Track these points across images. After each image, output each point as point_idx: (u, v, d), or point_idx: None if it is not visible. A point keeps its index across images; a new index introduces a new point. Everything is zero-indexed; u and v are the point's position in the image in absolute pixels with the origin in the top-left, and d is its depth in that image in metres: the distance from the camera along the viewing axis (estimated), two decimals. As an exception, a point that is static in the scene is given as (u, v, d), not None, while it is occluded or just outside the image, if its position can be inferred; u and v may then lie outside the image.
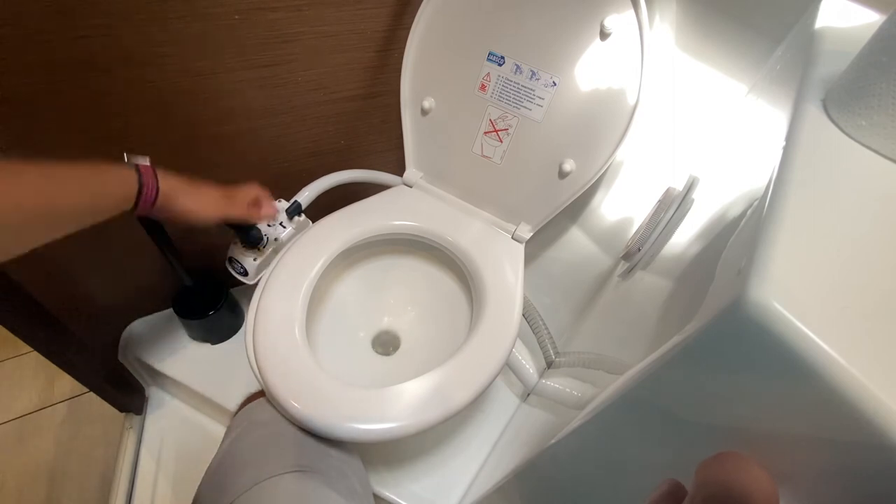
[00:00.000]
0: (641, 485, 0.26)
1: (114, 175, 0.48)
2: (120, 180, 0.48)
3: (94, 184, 0.46)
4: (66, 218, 0.43)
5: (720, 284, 0.24)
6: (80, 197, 0.44)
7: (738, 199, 0.35)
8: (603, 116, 0.64)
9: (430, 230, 0.73)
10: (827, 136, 0.28)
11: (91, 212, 0.45)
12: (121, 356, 0.88)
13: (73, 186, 0.43)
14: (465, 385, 0.57)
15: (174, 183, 0.52)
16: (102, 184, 0.47)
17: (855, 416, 0.17)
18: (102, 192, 0.47)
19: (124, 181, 0.48)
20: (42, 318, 0.69)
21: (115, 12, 0.54)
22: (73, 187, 0.43)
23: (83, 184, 0.44)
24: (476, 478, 0.77)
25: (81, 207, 0.44)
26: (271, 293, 0.62)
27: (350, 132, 0.84)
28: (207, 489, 0.51)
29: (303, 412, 0.53)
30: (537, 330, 0.82)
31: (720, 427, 0.23)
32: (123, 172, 0.49)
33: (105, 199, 0.47)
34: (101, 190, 0.46)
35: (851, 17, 0.40)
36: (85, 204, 0.44)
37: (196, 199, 0.55)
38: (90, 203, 0.45)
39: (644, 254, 0.53)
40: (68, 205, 0.43)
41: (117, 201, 0.48)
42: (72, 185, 0.43)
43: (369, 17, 0.69)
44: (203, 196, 0.56)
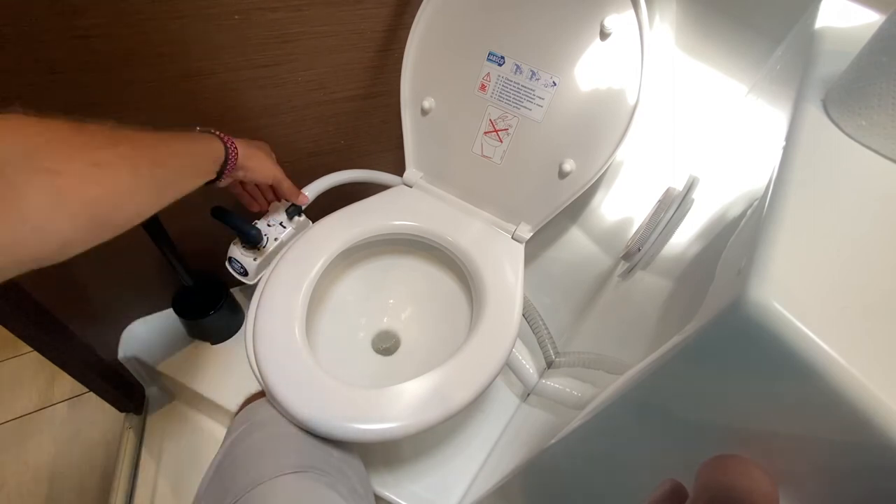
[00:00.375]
0: (641, 485, 0.26)
1: (204, 143, 0.51)
2: (210, 146, 0.51)
3: (194, 149, 0.48)
4: (174, 183, 0.44)
5: (720, 284, 0.24)
6: (185, 159, 0.46)
7: (738, 199, 0.35)
8: (603, 116, 0.64)
9: (430, 230, 0.73)
10: (827, 136, 0.28)
11: (193, 174, 0.47)
12: (121, 356, 0.88)
13: (178, 150, 0.45)
14: (465, 385, 0.57)
15: (245, 151, 0.56)
16: (199, 150, 0.49)
17: (855, 416, 0.17)
18: (202, 155, 0.50)
19: (213, 147, 0.52)
20: (42, 318, 0.69)
21: (114, 12, 0.54)
22: (179, 150, 0.45)
23: (186, 149, 0.46)
24: (476, 478, 0.77)
25: (186, 171, 0.46)
26: (271, 293, 0.62)
27: (350, 132, 0.84)
28: (208, 490, 0.51)
29: (303, 412, 0.53)
30: (537, 330, 0.82)
31: (720, 427, 0.23)
32: (210, 139, 0.52)
33: (204, 162, 0.50)
34: (201, 153, 0.50)
35: (851, 17, 0.40)
36: (188, 167, 0.46)
37: (259, 161, 0.59)
38: (192, 166, 0.47)
39: (644, 254, 0.53)
40: (177, 167, 0.44)
41: (211, 165, 0.51)
42: (177, 149, 0.45)
43: (369, 17, 0.69)
44: (262, 159, 0.59)
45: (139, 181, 0.38)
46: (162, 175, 0.41)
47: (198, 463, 0.60)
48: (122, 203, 0.37)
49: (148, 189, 0.39)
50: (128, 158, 0.37)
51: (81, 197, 0.33)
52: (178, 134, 0.46)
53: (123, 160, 0.36)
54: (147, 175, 0.39)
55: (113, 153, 0.36)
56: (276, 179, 0.62)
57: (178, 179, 0.44)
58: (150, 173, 0.39)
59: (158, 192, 0.41)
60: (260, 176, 0.59)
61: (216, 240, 0.73)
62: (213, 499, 0.49)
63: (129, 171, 0.37)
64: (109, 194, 0.35)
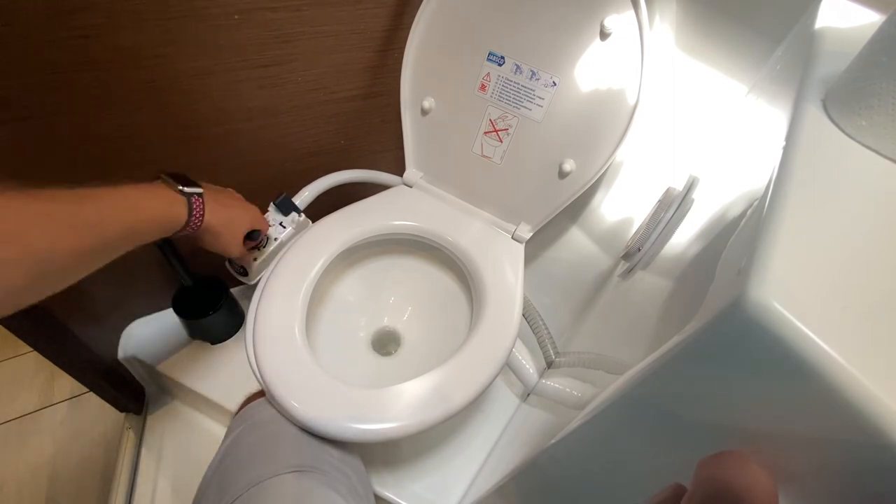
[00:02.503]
0: (642, 484, 0.26)
1: (161, 203, 0.47)
2: (168, 210, 0.47)
3: (144, 210, 0.44)
4: (115, 247, 0.42)
5: (720, 284, 0.24)
6: (131, 225, 0.42)
7: (738, 199, 0.35)
8: (603, 116, 0.64)
9: (430, 230, 0.73)
10: (827, 136, 0.28)
11: (138, 239, 0.44)
12: (121, 356, 0.88)
13: (123, 215, 0.42)
14: (465, 385, 0.57)
15: (217, 220, 0.52)
16: (151, 210, 0.45)
17: (855, 416, 0.17)
18: (152, 218, 0.45)
19: (173, 212, 0.48)
20: (42, 318, 0.69)
21: (114, 12, 0.54)
22: (124, 216, 0.42)
23: (134, 211, 0.43)
24: (476, 478, 0.77)
25: (131, 236, 0.43)
26: (271, 293, 0.62)
27: (350, 132, 0.84)
28: (208, 489, 0.51)
29: (303, 412, 0.53)
30: (537, 330, 0.82)
31: (720, 427, 0.23)
32: (174, 201, 0.48)
33: (148, 230, 0.45)
34: (152, 216, 0.45)
35: (851, 17, 0.40)
36: (135, 232, 0.43)
37: (223, 241, 0.55)
38: (139, 232, 0.44)
39: (644, 254, 0.53)
40: (119, 238, 0.41)
41: (160, 231, 0.47)
42: (122, 214, 0.42)
43: (369, 17, 0.69)
44: (231, 238, 0.56)
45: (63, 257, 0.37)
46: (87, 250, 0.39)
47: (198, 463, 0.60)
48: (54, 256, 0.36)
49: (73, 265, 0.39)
50: (45, 238, 0.36)
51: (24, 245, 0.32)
52: (120, 196, 0.42)
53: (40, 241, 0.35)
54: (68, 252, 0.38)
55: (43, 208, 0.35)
56: (227, 255, 0.59)
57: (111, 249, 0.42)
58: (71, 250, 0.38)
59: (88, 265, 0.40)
60: (216, 251, 0.56)
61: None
62: (213, 498, 0.49)
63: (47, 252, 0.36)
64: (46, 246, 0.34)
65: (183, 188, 0.49)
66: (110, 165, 0.66)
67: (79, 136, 0.61)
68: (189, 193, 0.49)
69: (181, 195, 0.49)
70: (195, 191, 0.50)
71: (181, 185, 0.49)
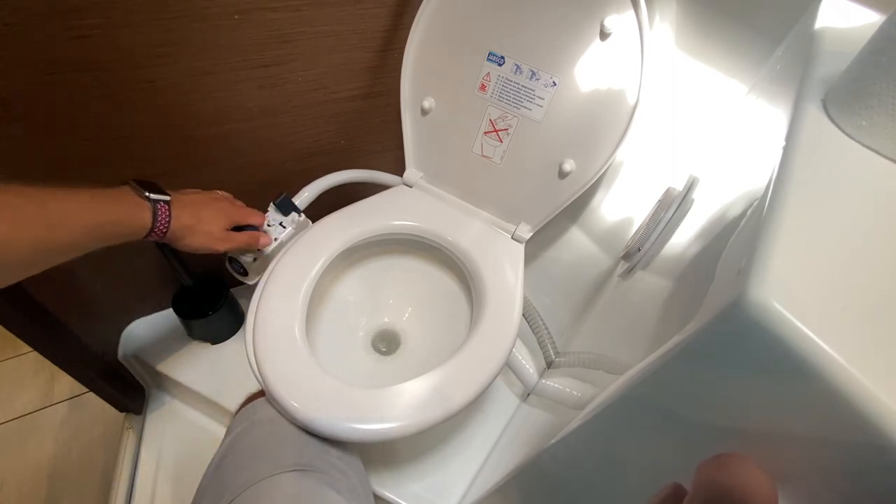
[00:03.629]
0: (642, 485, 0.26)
1: (126, 207, 0.48)
2: (132, 214, 0.48)
3: (105, 213, 0.45)
4: (72, 247, 0.42)
5: (720, 284, 0.24)
6: (89, 227, 0.43)
7: (738, 199, 0.35)
8: (603, 116, 0.64)
9: (430, 230, 0.73)
10: (827, 136, 0.28)
11: (97, 242, 0.45)
12: (121, 356, 0.88)
13: (83, 216, 0.42)
14: (465, 385, 0.57)
15: (184, 223, 0.53)
16: (111, 213, 0.46)
17: (855, 416, 0.17)
18: (112, 221, 0.46)
19: (137, 216, 0.49)
20: (42, 318, 0.69)
21: (115, 12, 0.54)
22: (83, 217, 0.42)
23: (94, 213, 0.44)
24: (476, 478, 0.77)
25: (89, 238, 0.44)
26: (271, 293, 0.62)
27: (350, 132, 0.84)
28: (207, 488, 0.51)
29: (303, 412, 0.53)
30: (537, 330, 0.82)
31: (720, 427, 0.23)
32: (138, 206, 0.49)
33: (112, 232, 0.46)
34: (111, 220, 0.46)
35: (851, 17, 0.40)
36: (93, 235, 0.44)
37: (199, 239, 0.56)
38: (98, 235, 0.44)
39: (644, 254, 0.53)
40: (75, 238, 0.42)
41: (124, 234, 0.48)
42: (81, 214, 0.42)
43: (369, 17, 0.69)
44: (206, 235, 0.57)
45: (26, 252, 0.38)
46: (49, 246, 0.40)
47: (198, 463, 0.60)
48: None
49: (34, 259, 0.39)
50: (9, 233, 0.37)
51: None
52: (86, 198, 0.43)
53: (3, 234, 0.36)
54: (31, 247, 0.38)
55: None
56: (214, 251, 0.58)
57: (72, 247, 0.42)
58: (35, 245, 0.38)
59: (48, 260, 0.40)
60: (194, 250, 0.56)
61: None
62: (213, 497, 0.49)
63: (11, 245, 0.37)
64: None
65: (149, 194, 0.50)
66: (110, 165, 0.66)
67: (79, 136, 0.61)
68: (155, 200, 0.50)
69: (147, 201, 0.50)
70: (161, 198, 0.51)
71: (148, 192, 0.50)
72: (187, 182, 0.74)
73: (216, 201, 0.60)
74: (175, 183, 0.73)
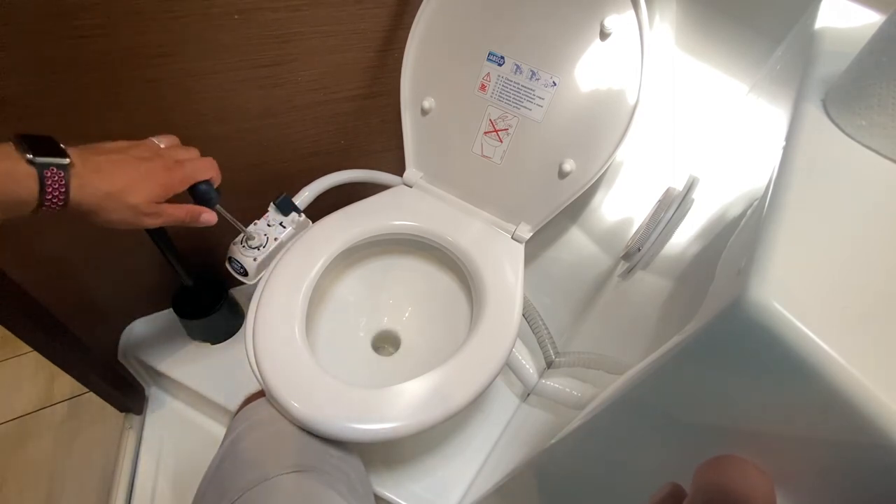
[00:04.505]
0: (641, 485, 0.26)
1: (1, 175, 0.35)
2: (7, 184, 0.36)
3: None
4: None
5: (720, 284, 0.24)
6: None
7: (738, 199, 0.35)
8: (603, 116, 0.64)
9: (430, 230, 0.73)
10: (827, 136, 0.28)
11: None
12: (121, 356, 0.88)
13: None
14: (465, 385, 0.57)
15: (95, 193, 0.40)
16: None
17: (855, 417, 0.17)
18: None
19: (15, 186, 0.36)
20: (42, 318, 0.69)
21: (115, 12, 0.54)
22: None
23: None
24: (476, 478, 0.77)
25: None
26: (271, 293, 0.62)
27: (350, 132, 0.84)
28: (208, 490, 0.51)
29: (303, 412, 0.53)
30: (537, 330, 0.82)
31: (720, 427, 0.23)
32: (19, 173, 0.36)
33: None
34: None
35: (851, 17, 0.40)
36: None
37: (118, 214, 0.42)
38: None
39: (644, 254, 0.53)
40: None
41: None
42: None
43: (369, 17, 0.69)
44: (127, 209, 0.42)
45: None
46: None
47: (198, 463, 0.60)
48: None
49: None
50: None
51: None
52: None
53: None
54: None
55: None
56: (139, 227, 0.45)
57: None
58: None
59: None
60: (114, 227, 0.43)
61: (216, 239, 0.74)
62: (213, 498, 0.49)
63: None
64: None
65: (34, 157, 0.36)
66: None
67: (78, 137, 0.61)
68: (42, 164, 0.36)
69: (32, 166, 0.36)
70: (53, 161, 0.37)
71: (33, 153, 0.36)
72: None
73: (143, 162, 0.44)
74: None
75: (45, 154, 0.37)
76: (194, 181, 0.49)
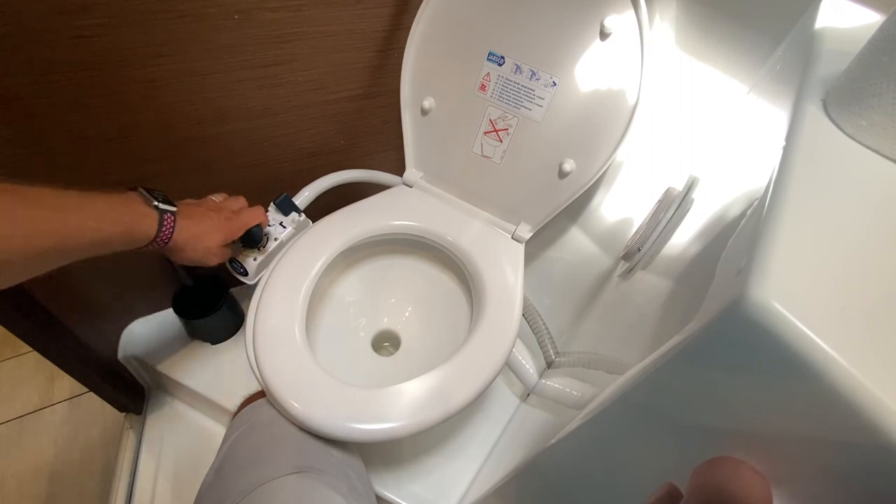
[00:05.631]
0: (641, 485, 0.26)
1: (133, 217, 0.47)
2: (138, 223, 0.47)
3: (110, 221, 0.44)
4: (74, 253, 0.42)
5: (720, 284, 0.24)
6: (93, 234, 0.43)
7: (738, 199, 0.35)
8: (603, 116, 0.64)
9: (430, 230, 0.73)
10: (827, 136, 0.28)
11: (100, 249, 0.44)
12: (121, 356, 0.88)
13: (87, 222, 0.42)
14: (465, 385, 0.57)
15: (185, 236, 0.52)
16: (117, 223, 0.45)
17: (855, 416, 0.17)
18: (117, 230, 0.45)
19: (142, 225, 0.47)
20: (42, 318, 0.69)
21: (115, 12, 0.54)
22: (88, 223, 0.42)
23: (98, 220, 0.43)
24: (476, 478, 0.77)
25: (92, 245, 0.43)
26: (271, 293, 0.62)
27: (350, 132, 0.84)
28: (209, 492, 0.51)
29: (303, 412, 0.53)
30: (537, 330, 0.82)
31: (720, 427, 0.23)
32: (145, 215, 0.48)
33: (116, 241, 0.45)
34: (116, 229, 0.45)
35: (851, 17, 0.40)
36: (96, 242, 0.43)
37: (197, 254, 0.55)
38: (101, 241, 0.44)
39: (644, 254, 0.53)
40: (78, 244, 0.42)
41: (126, 243, 0.47)
42: (86, 222, 0.42)
43: (369, 17, 0.69)
44: (203, 250, 0.55)
45: (34, 251, 0.37)
46: (57, 246, 0.39)
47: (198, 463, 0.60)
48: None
49: (41, 259, 0.39)
50: (20, 232, 0.36)
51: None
52: (95, 201, 0.43)
53: (16, 230, 0.36)
54: (40, 247, 0.38)
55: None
56: (206, 265, 0.57)
57: (79, 250, 0.42)
58: (44, 246, 0.38)
59: (56, 260, 0.40)
60: (187, 263, 0.55)
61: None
62: (214, 501, 0.49)
63: (22, 243, 0.36)
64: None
65: (158, 204, 0.49)
66: (110, 165, 0.66)
67: (79, 136, 0.61)
68: (163, 210, 0.49)
69: (154, 210, 0.49)
70: (169, 208, 0.50)
71: (157, 201, 0.49)
72: (187, 181, 0.74)
73: (213, 213, 0.57)
74: (175, 182, 0.73)
75: (164, 202, 0.50)
76: (248, 228, 0.62)
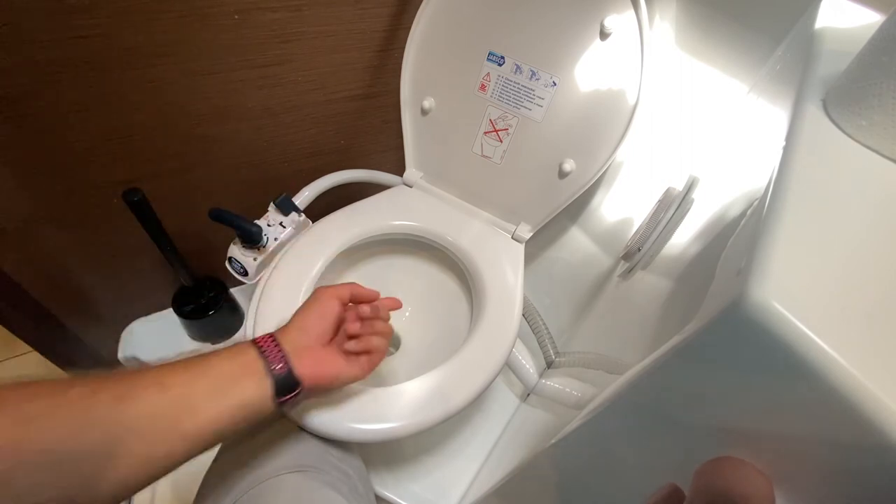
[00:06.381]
0: (641, 485, 0.26)
1: (242, 388, 0.40)
2: (258, 393, 0.40)
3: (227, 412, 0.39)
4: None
5: (720, 284, 0.24)
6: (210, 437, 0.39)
7: (738, 199, 0.35)
8: (603, 116, 0.64)
9: (430, 230, 0.73)
10: (827, 136, 0.28)
11: (217, 440, 0.40)
12: (121, 356, 0.88)
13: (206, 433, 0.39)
14: (464, 385, 0.57)
15: (318, 391, 0.46)
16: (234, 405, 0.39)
17: (855, 416, 0.17)
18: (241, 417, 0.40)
19: (261, 413, 0.40)
20: (42, 318, 0.69)
21: (115, 12, 0.54)
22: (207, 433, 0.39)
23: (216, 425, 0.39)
24: (476, 478, 0.77)
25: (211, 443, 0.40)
26: (271, 293, 0.62)
27: (350, 132, 0.84)
28: (209, 490, 0.51)
29: (302, 412, 0.53)
30: (537, 330, 0.82)
31: (720, 427, 0.23)
32: (266, 409, 0.40)
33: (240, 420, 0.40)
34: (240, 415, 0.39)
35: (851, 17, 0.40)
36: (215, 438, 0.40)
37: (328, 380, 0.46)
38: (220, 434, 0.40)
39: (644, 254, 0.53)
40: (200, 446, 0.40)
41: (255, 414, 0.40)
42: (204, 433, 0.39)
43: (369, 17, 0.69)
44: (331, 378, 0.46)
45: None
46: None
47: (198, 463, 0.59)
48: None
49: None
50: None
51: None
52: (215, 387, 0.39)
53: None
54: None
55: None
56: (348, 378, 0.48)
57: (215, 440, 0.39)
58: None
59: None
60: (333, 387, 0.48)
61: (216, 240, 0.73)
62: (214, 499, 0.49)
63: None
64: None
65: (279, 399, 0.41)
66: (110, 165, 0.66)
67: (79, 136, 0.62)
68: (281, 403, 0.42)
69: (275, 405, 0.41)
70: (290, 397, 0.42)
71: (279, 396, 0.41)
72: (187, 181, 0.74)
73: (343, 356, 0.48)
74: (175, 182, 0.73)
75: (286, 393, 0.42)
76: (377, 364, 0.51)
